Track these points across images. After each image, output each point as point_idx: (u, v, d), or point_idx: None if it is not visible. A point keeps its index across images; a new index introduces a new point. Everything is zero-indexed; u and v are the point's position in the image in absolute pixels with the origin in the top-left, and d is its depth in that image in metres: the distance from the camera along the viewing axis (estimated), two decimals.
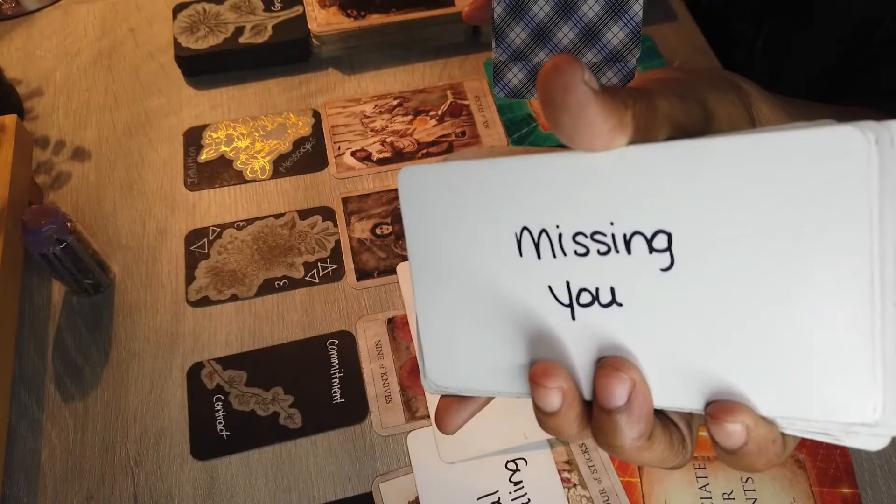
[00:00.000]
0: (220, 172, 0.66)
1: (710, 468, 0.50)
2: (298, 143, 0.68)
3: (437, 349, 0.28)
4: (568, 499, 0.49)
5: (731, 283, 0.22)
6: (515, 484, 0.49)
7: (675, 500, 0.49)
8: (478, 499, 0.49)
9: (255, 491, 0.49)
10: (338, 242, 0.61)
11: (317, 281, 0.59)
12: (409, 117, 0.69)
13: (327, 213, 0.63)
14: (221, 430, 0.52)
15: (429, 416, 0.52)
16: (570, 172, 0.24)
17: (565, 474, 0.50)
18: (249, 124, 0.69)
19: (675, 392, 0.24)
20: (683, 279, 0.23)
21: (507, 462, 0.50)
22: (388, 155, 0.67)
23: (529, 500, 0.49)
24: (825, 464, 0.50)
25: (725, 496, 0.49)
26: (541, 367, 0.25)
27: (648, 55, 0.74)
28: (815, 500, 0.49)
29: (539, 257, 0.25)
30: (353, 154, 0.67)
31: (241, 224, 0.62)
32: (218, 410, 0.52)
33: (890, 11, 0.55)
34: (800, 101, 0.35)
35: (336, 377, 0.54)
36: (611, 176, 0.23)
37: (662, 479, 0.50)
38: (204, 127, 0.69)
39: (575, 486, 0.49)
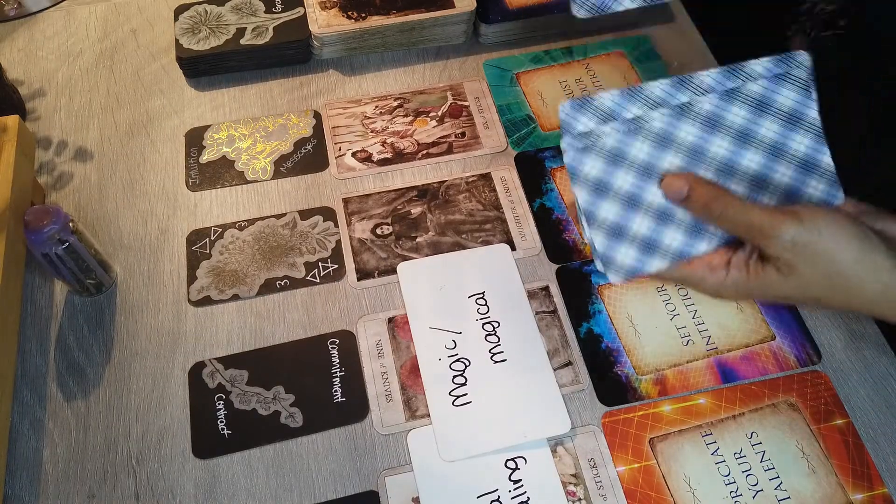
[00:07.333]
0: (221, 173, 0.66)
1: (716, 432, 0.51)
2: (299, 144, 0.68)
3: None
4: None
5: None
6: (515, 482, 0.49)
7: (693, 471, 0.49)
8: (477, 497, 0.49)
9: (256, 489, 0.50)
10: (338, 242, 0.61)
11: (318, 281, 0.59)
12: (410, 118, 0.70)
13: (328, 214, 0.63)
14: (223, 429, 0.52)
15: (429, 415, 0.52)
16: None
17: (570, 487, 0.49)
18: (251, 125, 0.69)
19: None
20: None
21: (507, 460, 0.50)
22: (388, 155, 0.67)
23: (529, 498, 0.49)
24: (815, 401, 0.52)
25: (737, 455, 0.50)
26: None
27: (647, 56, 0.74)
28: (817, 439, 0.51)
29: None
30: (353, 155, 0.67)
31: (243, 224, 0.62)
32: (219, 409, 0.53)
33: None
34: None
35: (337, 376, 0.54)
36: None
37: (677, 454, 0.50)
38: (206, 128, 0.69)
39: (580, 500, 0.49)
